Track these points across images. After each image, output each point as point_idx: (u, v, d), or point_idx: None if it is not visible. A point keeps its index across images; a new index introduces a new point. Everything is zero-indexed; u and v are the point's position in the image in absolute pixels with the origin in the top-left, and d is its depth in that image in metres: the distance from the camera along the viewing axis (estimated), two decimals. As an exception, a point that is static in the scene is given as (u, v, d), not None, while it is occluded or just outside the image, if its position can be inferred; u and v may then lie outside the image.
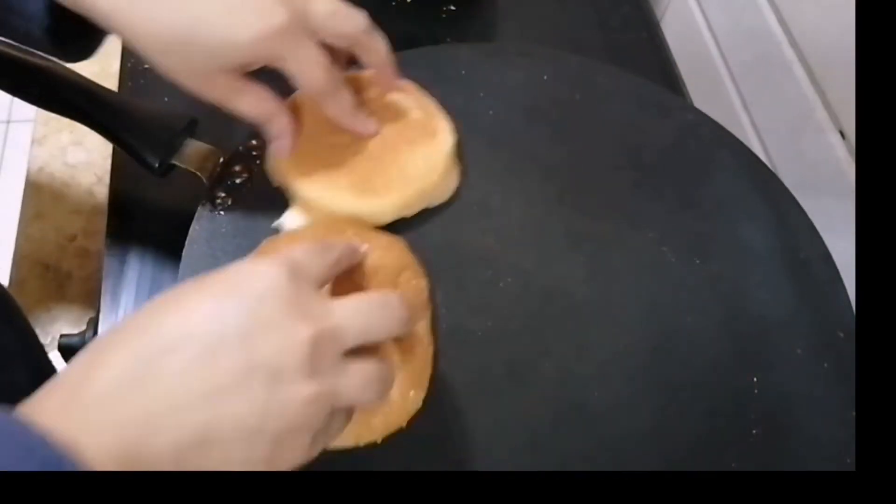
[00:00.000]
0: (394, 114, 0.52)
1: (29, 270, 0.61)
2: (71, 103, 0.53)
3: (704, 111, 0.60)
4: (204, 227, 0.50)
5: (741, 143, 0.58)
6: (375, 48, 0.48)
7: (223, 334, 0.31)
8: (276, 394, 0.31)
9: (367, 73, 0.52)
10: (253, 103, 0.46)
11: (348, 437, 0.42)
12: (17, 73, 0.52)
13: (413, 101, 0.53)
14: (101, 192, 0.64)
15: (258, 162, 0.53)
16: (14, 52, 0.53)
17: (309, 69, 0.44)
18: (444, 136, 0.52)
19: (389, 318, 0.36)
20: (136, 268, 0.58)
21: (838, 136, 0.58)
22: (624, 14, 0.78)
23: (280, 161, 0.50)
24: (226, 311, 0.32)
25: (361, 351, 0.35)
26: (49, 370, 0.57)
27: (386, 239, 0.48)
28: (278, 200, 0.51)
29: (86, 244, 0.62)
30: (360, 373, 0.34)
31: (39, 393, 0.31)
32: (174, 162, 0.53)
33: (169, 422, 0.30)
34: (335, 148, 0.50)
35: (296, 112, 0.50)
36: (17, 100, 0.53)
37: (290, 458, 0.33)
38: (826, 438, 0.45)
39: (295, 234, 0.49)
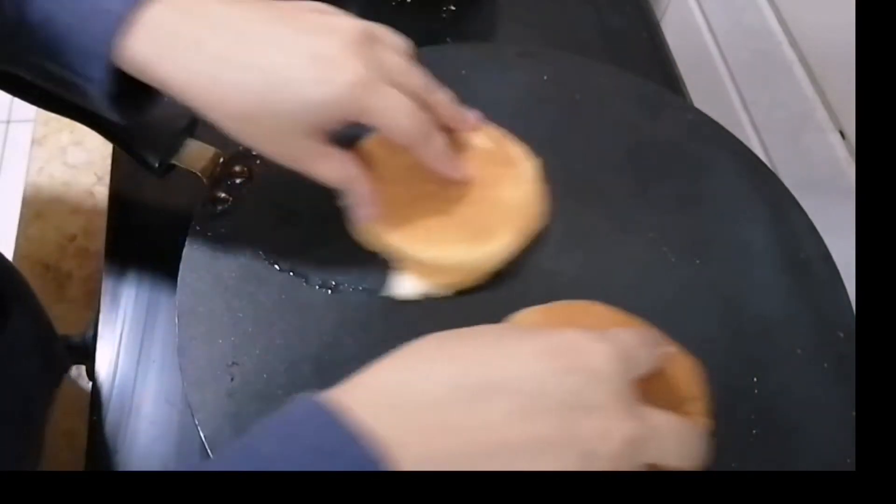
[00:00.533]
0: (466, 150, 0.50)
1: (29, 270, 0.61)
2: (71, 103, 0.53)
3: (704, 111, 0.60)
4: (204, 227, 0.50)
5: (741, 143, 0.58)
6: (441, 103, 0.46)
7: (553, 396, 0.31)
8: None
9: None
10: (336, 168, 0.44)
11: None
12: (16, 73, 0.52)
13: (482, 134, 0.51)
14: (102, 192, 0.64)
15: (258, 162, 0.53)
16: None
17: (397, 119, 0.42)
18: (523, 162, 0.51)
19: (689, 451, 0.35)
20: (136, 268, 0.58)
21: (838, 135, 0.58)
22: (624, 14, 0.78)
23: (371, 226, 0.48)
24: (560, 375, 0.32)
25: None
26: (62, 361, 0.57)
27: (687, 360, 0.45)
28: (278, 201, 0.51)
29: (86, 244, 0.62)
30: None
31: (346, 387, 0.31)
32: (174, 162, 0.53)
33: (473, 460, 0.30)
34: (424, 198, 0.48)
35: (368, 164, 0.48)
36: (17, 100, 0.53)
37: None
38: (826, 438, 0.45)
39: (572, 310, 0.46)
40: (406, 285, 0.48)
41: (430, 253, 0.48)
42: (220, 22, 0.41)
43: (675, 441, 0.35)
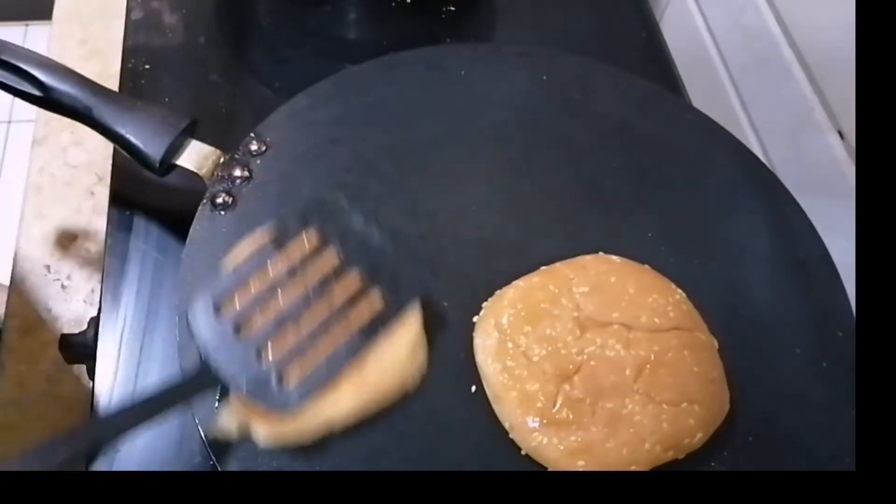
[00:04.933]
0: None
1: (29, 270, 0.61)
2: (72, 104, 0.53)
3: (703, 111, 0.60)
4: (204, 227, 0.50)
5: (740, 143, 0.58)
6: None
7: None
8: None
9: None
10: None
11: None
12: (17, 74, 0.52)
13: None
14: (102, 192, 0.64)
15: (258, 162, 0.53)
16: (14, 53, 0.53)
17: None
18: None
19: None
20: (136, 268, 0.58)
21: (837, 136, 0.58)
22: (623, 14, 0.78)
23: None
24: None
25: None
26: None
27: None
28: (279, 200, 0.52)
29: (86, 244, 0.62)
30: None
31: None
32: (175, 162, 0.53)
33: None
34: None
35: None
36: (17, 100, 0.53)
37: None
38: (826, 438, 0.45)
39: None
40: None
41: None
42: None
43: None
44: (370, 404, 0.43)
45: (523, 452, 0.43)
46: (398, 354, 0.44)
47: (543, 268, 0.49)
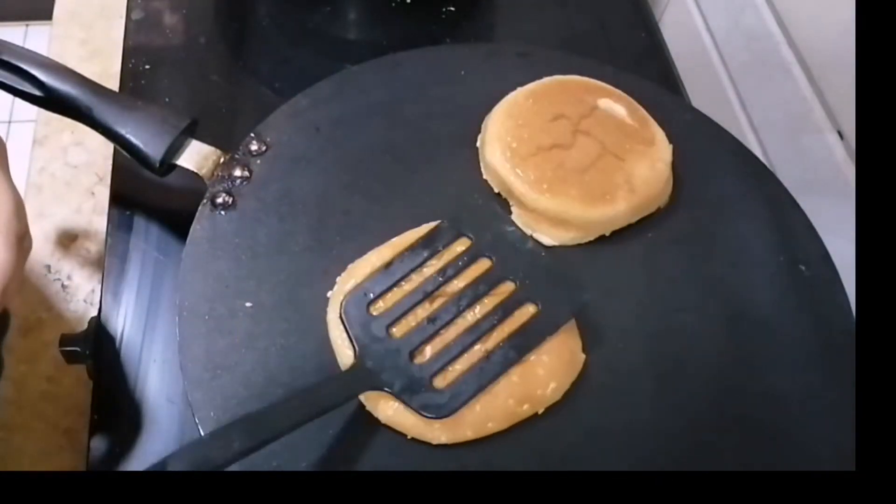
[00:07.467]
0: (610, 121, 0.53)
1: (29, 270, 0.61)
2: (72, 104, 0.53)
3: (703, 111, 0.60)
4: (204, 227, 0.50)
5: (740, 144, 0.58)
6: None
7: None
8: None
9: (582, 80, 0.55)
10: None
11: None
12: (18, 74, 0.52)
13: (625, 109, 0.54)
14: (102, 192, 0.64)
15: (258, 162, 0.53)
16: (15, 53, 0.53)
17: None
18: (662, 144, 0.54)
19: None
20: (136, 268, 0.58)
21: (836, 136, 0.58)
22: (623, 14, 0.78)
23: (501, 166, 0.51)
24: None
25: None
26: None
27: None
28: (278, 201, 0.52)
29: (86, 244, 0.62)
30: None
31: None
32: (175, 162, 0.53)
33: None
34: (557, 153, 0.51)
35: (517, 109, 0.53)
36: (18, 100, 0.53)
37: None
38: (826, 438, 0.45)
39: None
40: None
41: (544, 204, 0.50)
42: None
43: None
44: (520, 415, 0.44)
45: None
46: (553, 367, 0.45)
47: None
